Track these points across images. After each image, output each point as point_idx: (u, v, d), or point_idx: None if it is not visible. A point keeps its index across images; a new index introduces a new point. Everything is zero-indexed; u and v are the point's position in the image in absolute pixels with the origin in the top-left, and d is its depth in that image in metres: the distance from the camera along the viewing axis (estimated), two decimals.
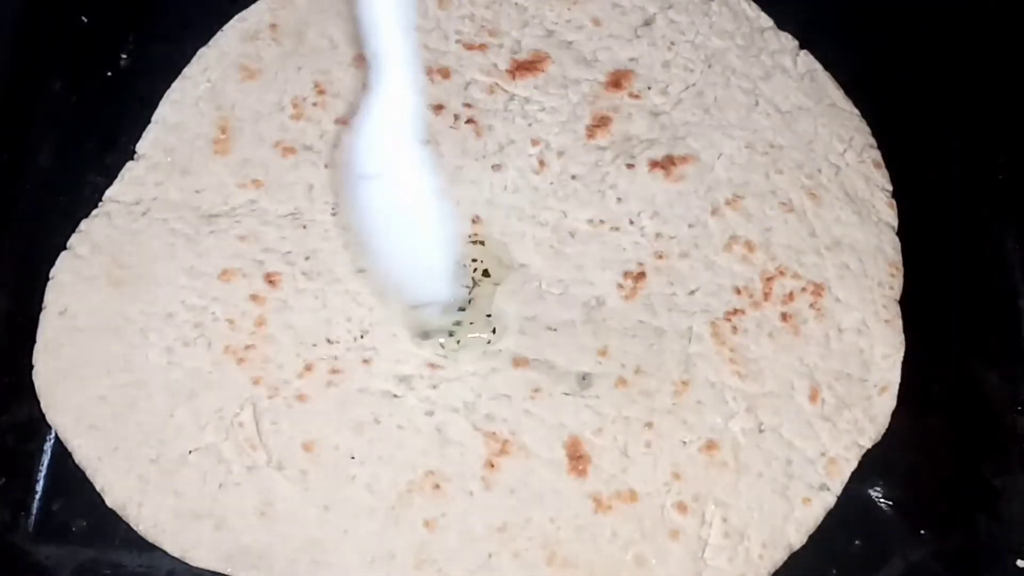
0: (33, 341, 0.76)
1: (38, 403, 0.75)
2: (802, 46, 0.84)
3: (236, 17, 0.85)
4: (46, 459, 0.77)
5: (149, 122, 0.82)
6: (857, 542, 0.73)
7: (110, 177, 0.80)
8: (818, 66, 0.83)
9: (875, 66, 0.85)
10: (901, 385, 0.74)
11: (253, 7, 0.85)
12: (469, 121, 0.81)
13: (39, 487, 0.76)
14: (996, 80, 0.85)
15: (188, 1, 0.89)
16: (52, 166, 0.84)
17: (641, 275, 0.77)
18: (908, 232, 0.79)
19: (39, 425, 0.75)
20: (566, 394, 0.74)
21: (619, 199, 0.79)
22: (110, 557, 0.73)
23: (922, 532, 0.73)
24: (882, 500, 0.74)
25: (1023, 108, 0.84)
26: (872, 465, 0.73)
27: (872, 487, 0.74)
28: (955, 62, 0.86)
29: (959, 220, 0.82)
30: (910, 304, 0.77)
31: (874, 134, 0.81)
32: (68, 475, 0.74)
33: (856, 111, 0.82)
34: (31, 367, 0.75)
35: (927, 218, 0.81)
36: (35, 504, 0.76)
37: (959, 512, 0.74)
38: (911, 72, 0.86)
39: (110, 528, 0.73)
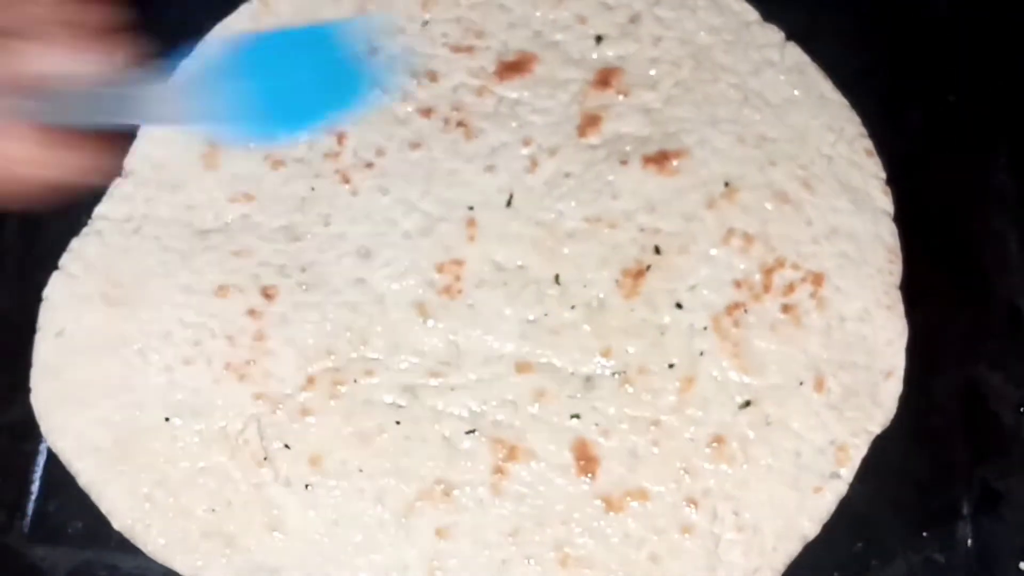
0: (28, 339, 0.75)
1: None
2: (797, 36, 0.84)
3: (219, 25, 0.83)
4: (41, 460, 0.76)
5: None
6: (859, 544, 0.73)
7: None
8: (806, 58, 0.83)
9: (873, 59, 0.85)
10: (902, 387, 0.75)
11: (235, 15, 0.83)
12: (460, 124, 0.81)
13: (34, 488, 0.75)
14: (996, 74, 0.86)
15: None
16: None
17: (640, 272, 0.77)
18: (908, 230, 0.79)
19: (34, 426, 0.74)
20: (571, 397, 0.74)
21: (614, 196, 0.79)
22: (105, 559, 0.73)
23: (924, 534, 0.74)
24: (884, 502, 0.74)
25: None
26: (874, 467, 0.73)
27: (874, 489, 0.74)
28: (953, 55, 0.87)
29: (959, 221, 0.81)
30: (910, 304, 0.77)
31: (873, 126, 0.81)
32: (63, 477, 0.73)
33: (845, 101, 0.82)
34: (26, 368, 0.75)
35: (924, 217, 0.80)
36: (30, 505, 0.75)
37: (961, 514, 0.74)
38: (912, 65, 0.86)
39: (105, 530, 0.72)
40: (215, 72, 0.64)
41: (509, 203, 0.79)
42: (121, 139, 0.80)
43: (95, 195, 0.79)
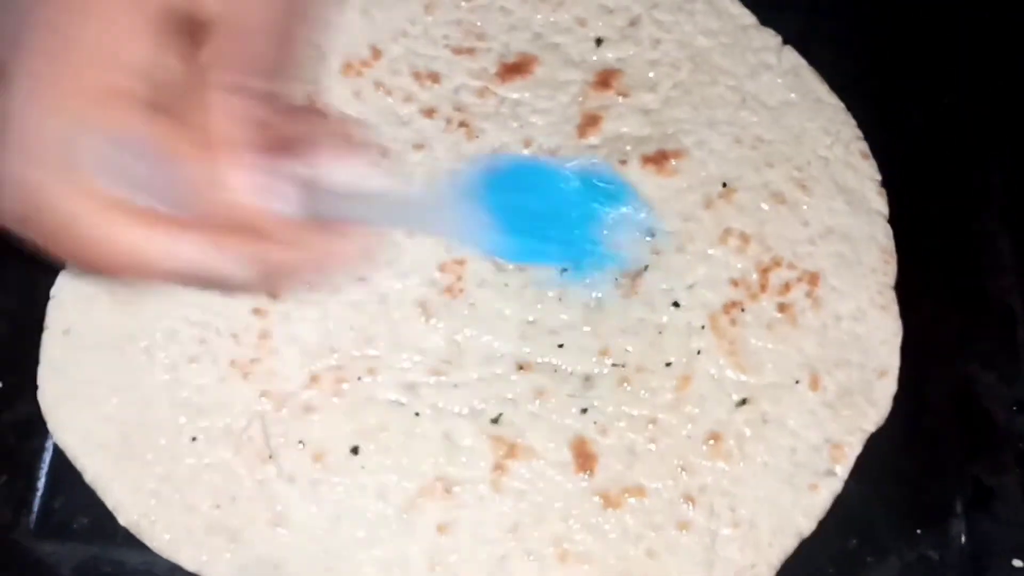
0: (35, 335, 0.76)
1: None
2: (794, 40, 0.85)
3: None
4: (48, 456, 0.76)
5: None
6: (854, 540, 0.74)
7: None
8: (802, 61, 0.84)
9: (870, 62, 0.86)
10: (896, 386, 0.76)
11: None
12: (462, 124, 0.82)
13: (40, 484, 0.76)
14: (993, 75, 0.86)
15: None
16: None
17: (638, 272, 0.78)
18: (902, 231, 0.80)
19: (41, 422, 0.75)
20: (570, 396, 0.75)
21: None
22: (111, 555, 0.73)
23: (918, 531, 0.74)
24: (878, 500, 0.75)
25: (1018, 108, 0.85)
26: (868, 465, 0.74)
27: (868, 486, 0.74)
28: (952, 56, 0.87)
29: (953, 222, 0.82)
30: (904, 304, 0.78)
31: (868, 128, 0.82)
32: (69, 473, 0.74)
33: (841, 104, 0.83)
34: (33, 365, 0.75)
35: (919, 218, 0.81)
36: (36, 501, 0.75)
37: (954, 512, 0.75)
38: (908, 68, 0.87)
39: (111, 526, 0.73)
40: (479, 188, 0.64)
41: None
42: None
43: None
